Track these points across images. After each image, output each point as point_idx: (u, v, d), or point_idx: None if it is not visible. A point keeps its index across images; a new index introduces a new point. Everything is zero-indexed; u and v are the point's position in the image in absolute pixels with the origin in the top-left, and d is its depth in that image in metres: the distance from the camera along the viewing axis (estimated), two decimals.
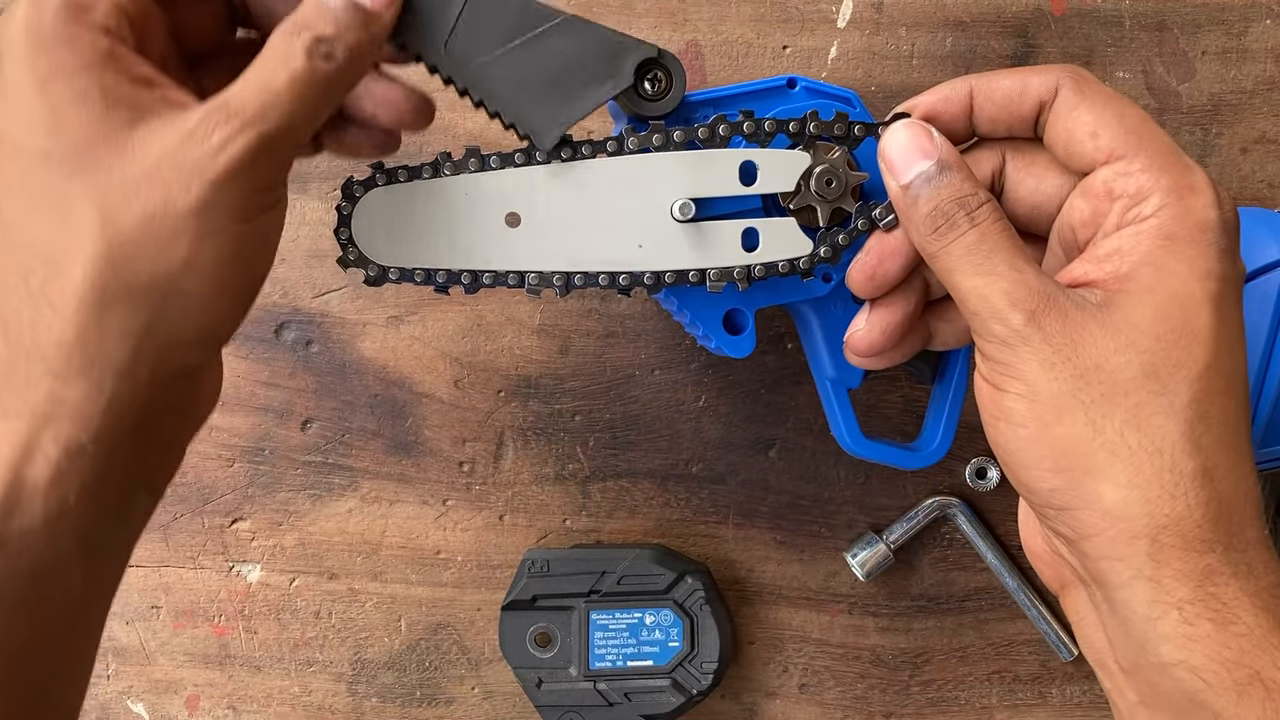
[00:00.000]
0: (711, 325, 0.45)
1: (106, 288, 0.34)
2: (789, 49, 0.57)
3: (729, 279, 0.42)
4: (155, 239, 0.34)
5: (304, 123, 0.36)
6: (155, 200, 0.34)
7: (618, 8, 0.57)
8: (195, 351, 0.37)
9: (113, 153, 0.34)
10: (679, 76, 0.41)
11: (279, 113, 0.35)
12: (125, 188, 0.34)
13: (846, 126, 0.42)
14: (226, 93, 0.35)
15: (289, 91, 0.35)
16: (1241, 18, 0.57)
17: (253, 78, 0.36)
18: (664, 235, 0.42)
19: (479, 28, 0.39)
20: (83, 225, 0.34)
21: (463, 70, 0.40)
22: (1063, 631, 0.56)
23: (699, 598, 0.53)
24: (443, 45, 0.39)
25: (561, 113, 0.40)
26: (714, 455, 0.57)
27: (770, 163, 0.42)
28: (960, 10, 0.57)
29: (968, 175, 0.39)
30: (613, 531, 0.57)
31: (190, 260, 0.34)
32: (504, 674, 0.57)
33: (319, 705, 0.57)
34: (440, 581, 0.57)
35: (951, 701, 0.57)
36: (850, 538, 0.57)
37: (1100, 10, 0.57)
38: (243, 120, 0.35)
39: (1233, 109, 0.57)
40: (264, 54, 0.36)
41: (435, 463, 0.57)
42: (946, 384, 0.48)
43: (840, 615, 0.57)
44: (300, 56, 0.36)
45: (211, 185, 0.34)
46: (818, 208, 0.42)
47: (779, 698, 0.57)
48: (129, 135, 0.34)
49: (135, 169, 0.34)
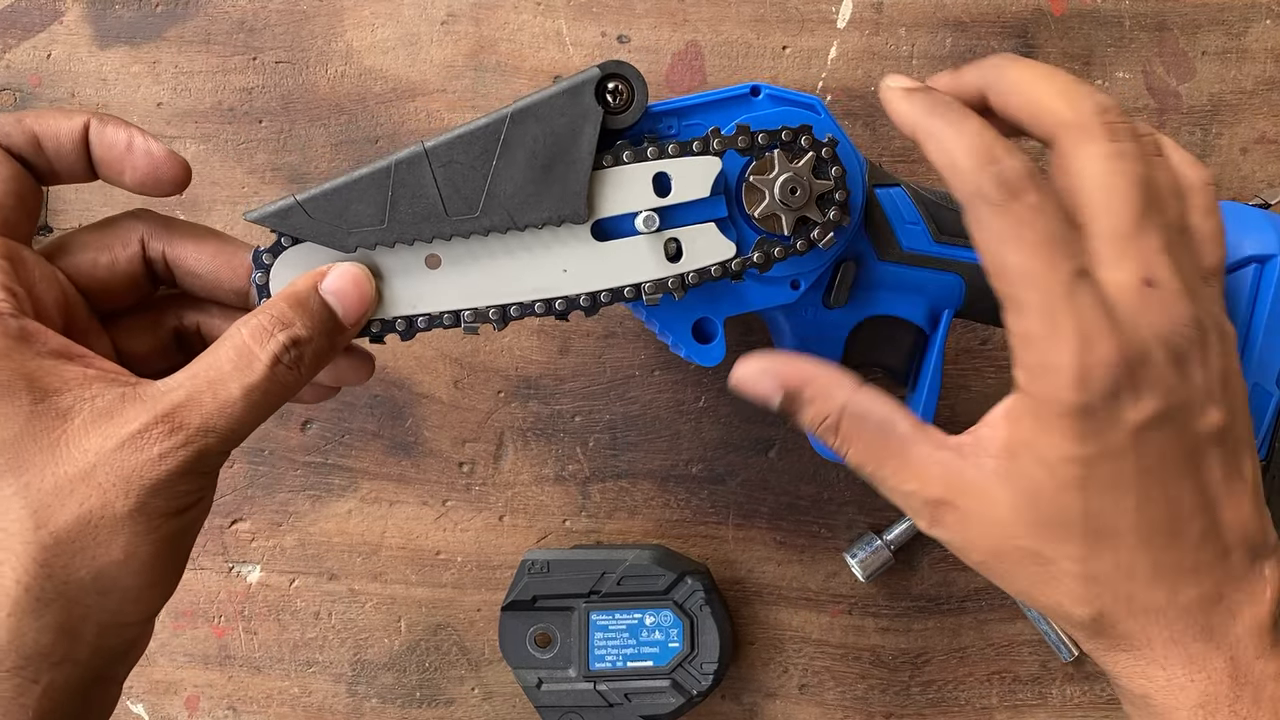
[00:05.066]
0: (680, 334, 0.44)
1: (41, 589, 0.33)
2: (789, 49, 0.57)
3: (664, 289, 0.42)
4: (91, 540, 0.33)
5: (250, 429, 0.35)
6: (92, 504, 0.33)
7: (617, 8, 0.57)
8: (132, 630, 0.36)
9: (44, 450, 0.33)
10: (637, 79, 0.41)
11: (227, 424, 0.34)
12: (59, 489, 0.33)
13: (752, 136, 0.42)
14: (171, 397, 0.34)
15: (242, 402, 0.35)
16: (1241, 18, 0.57)
17: (203, 382, 0.34)
18: (585, 256, 0.41)
19: (461, 182, 0.39)
20: (12, 528, 0.33)
21: (469, 222, 0.40)
22: (1063, 632, 0.56)
23: (699, 598, 0.53)
24: (444, 214, 0.39)
25: (572, 182, 0.40)
26: (714, 456, 0.57)
27: (682, 171, 0.41)
28: (960, 10, 0.57)
29: (819, 404, 0.39)
30: (613, 532, 0.57)
31: (126, 558, 0.34)
32: (504, 675, 0.57)
33: (319, 706, 0.57)
34: (440, 582, 0.57)
35: (951, 702, 0.57)
36: (850, 538, 0.57)
37: (1100, 10, 0.57)
38: (187, 434, 0.34)
39: (1233, 109, 0.57)
40: (220, 353, 0.35)
41: (435, 463, 0.57)
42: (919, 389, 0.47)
43: (840, 616, 0.57)
44: (263, 364, 0.35)
45: (150, 490, 0.33)
46: (782, 216, 0.42)
47: (779, 698, 0.57)
48: (61, 432, 0.33)
49: (69, 470, 0.33)
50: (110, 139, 0.38)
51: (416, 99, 0.57)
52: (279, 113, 0.57)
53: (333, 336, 0.38)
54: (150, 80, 0.57)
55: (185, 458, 0.34)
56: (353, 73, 0.57)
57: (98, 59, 0.57)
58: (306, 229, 0.39)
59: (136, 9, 0.57)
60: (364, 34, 0.57)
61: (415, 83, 0.57)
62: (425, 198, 0.39)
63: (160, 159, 0.38)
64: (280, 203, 0.38)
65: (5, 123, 0.37)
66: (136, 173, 0.38)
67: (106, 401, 0.34)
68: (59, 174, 0.38)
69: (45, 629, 0.33)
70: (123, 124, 0.38)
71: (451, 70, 0.57)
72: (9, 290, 0.35)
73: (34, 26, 0.57)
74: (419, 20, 0.57)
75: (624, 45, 0.57)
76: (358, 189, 0.39)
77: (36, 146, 0.37)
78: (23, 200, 0.37)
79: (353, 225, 0.39)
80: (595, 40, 0.57)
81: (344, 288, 0.38)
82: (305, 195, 0.38)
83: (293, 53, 0.57)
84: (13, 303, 0.34)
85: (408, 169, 0.39)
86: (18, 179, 0.37)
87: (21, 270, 0.36)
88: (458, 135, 0.39)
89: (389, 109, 0.57)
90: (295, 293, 0.37)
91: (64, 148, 0.37)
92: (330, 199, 0.39)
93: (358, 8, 0.57)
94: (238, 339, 0.35)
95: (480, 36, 0.57)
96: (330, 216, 0.39)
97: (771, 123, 0.42)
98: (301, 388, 0.37)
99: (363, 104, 0.57)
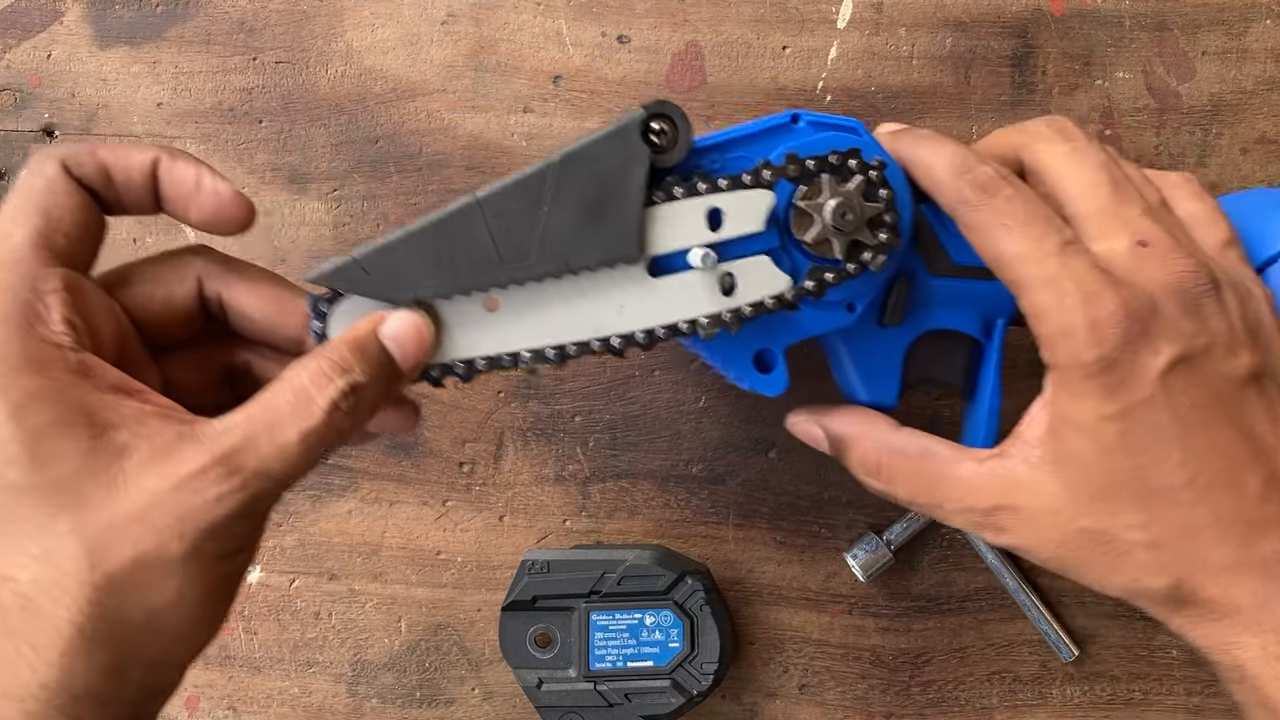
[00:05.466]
0: (742, 367, 0.44)
1: (94, 630, 0.33)
2: (789, 49, 0.57)
3: (720, 324, 0.42)
4: (144, 581, 0.33)
5: (304, 472, 0.35)
6: (146, 545, 0.33)
7: (617, 8, 0.57)
8: (176, 670, 0.36)
9: (101, 488, 0.33)
10: (680, 117, 0.41)
11: (282, 469, 0.34)
12: (114, 528, 0.33)
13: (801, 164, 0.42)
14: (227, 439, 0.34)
15: (298, 446, 0.34)
16: (1241, 18, 0.57)
17: (260, 425, 0.34)
18: (639, 294, 0.41)
19: (513, 229, 0.39)
20: (67, 565, 0.32)
21: (524, 268, 0.40)
22: (1063, 631, 0.56)
23: (699, 598, 0.53)
24: (499, 262, 0.39)
25: (624, 223, 0.40)
26: (714, 456, 0.57)
27: (735, 205, 0.41)
28: (960, 10, 0.57)
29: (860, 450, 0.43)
30: (613, 532, 0.57)
31: (178, 600, 0.34)
32: (504, 675, 0.57)
33: (319, 706, 0.57)
34: (440, 582, 0.57)
35: (952, 702, 0.57)
36: (850, 538, 0.57)
37: (1100, 10, 0.57)
38: (244, 477, 0.34)
39: (1233, 109, 0.57)
40: (278, 396, 0.35)
41: (435, 463, 0.57)
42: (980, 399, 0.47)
43: (840, 616, 0.57)
44: (321, 409, 0.35)
45: (205, 533, 0.33)
46: (834, 240, 0.42)
47: (779, 698, 0.57)
48: (118, 469, 0.33)
49: (125, 508, 0.33)
50: (180, 175, 0.37)
51: (416, 99, 0.57)
52: (279, 113, 0.57)
53: (389, 383, 0.38)
54: (150, 80, 0.57)
55: (241, 501, 0.34)
56: (353, 73, 0.57)
57: (98, 59, 0.57)
58: (365, 285, 0.39)
59: (136, 9, 0.57)
60: (364, 34, 0.57)
61: (415, 83, 0.57)
62: (479, 247, 0.39)
63: (227, 199, 0.38)
64: (338, 261, 0.38)
65: (77, 153, 0.37)
66: (203, 211, 0.38)
67: (164, 440, 0.34)
68: (125, 206, 0.38)
69: (96, 669, 0.33)
70: (192, 160, 0.38)
71: (451, 70, 0.57)
72: (69, 323, 0.34)
73: (34, 26, 0.57)
74: (419, 20, 0.57)
75: (624, 45, 0.57)
76: (413, 243, 0.39)
77: (107, 178, 0.37)
78: (88, 231, 0.37)
79: (410, 279, 0.39)
80: (595, 40, 0.57)
81: (403, 333, 0.38)
82: (362, 252, 0.38)
83: (293, 53, 0.57)
84: (73, 335, 0.34)
85: (461, 220, 0.39)
86: (85, 210, 0.37)
87: (82, 302, 0.36)
88: (508, 184, 0.39)
89: (389, 109, 0.57)
90: (356, 338, 0.37)
91: (133, 181, 0.37)
92: (387, 254, 0.39)
93: (358, 8, 0.57)
94: (297, 382, 0.35)
95: (480, 36, 0.57)
96: (387, 272, 0.39)
97: (820, 148, 0.42)
98: (354, 434, 0.37)
99: (363, 104, 0.57)
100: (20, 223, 0.35)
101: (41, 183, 0.36)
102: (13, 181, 0.57)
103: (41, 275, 0.35)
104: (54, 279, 0.35)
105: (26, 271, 0.34)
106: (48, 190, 0.36)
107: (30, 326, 0.34)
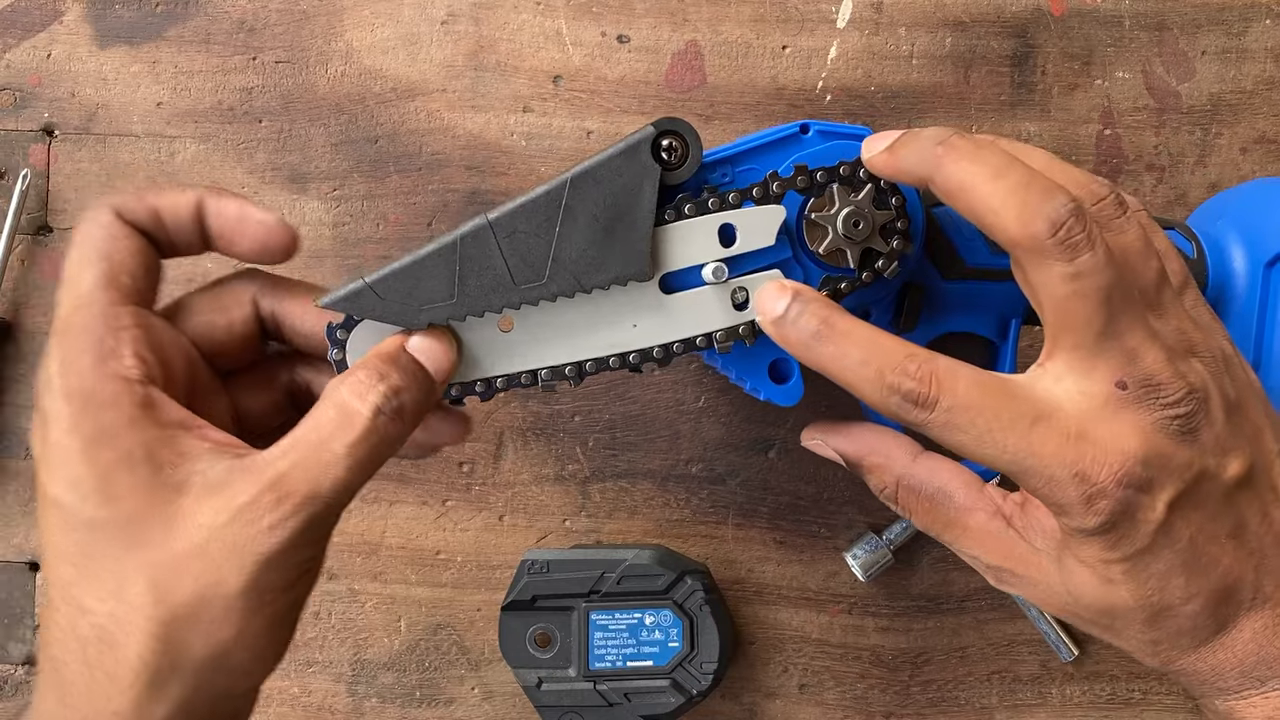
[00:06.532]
0: (758, 378, 0.44)
1: (161, 665, 0.34)
2: (788, 49, 0.57)
3: (735, 337, 0.42)
4: (206, 617, 0.34)
5: (357, 488, 0.36)
6: (207, 580, 0.34)
7: (617, 8, 0.57)
8: (241, 701, 0.37)
9: (162, 525, 0.34)
10: (690, 133, 0.41)
11: (333, 485, 0.35)
12: (176, 565, 0.34)
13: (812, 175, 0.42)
14: (277, 465, 0.34)
15: (347, 459, 0.35)
16: (1241, 18, 0.57)
17: (307, 446, 0.35)
18: (653, 310, 0.41)
19: (526, 250, 0.39)
20: (136, 601, 0.34)
21: (537, 289, 0.40)
22: (1062, 632, 0.56)
23: (699, 598, 0.53)
24: (512, 283, 0.40)
25: (635, 241, 0.40)
26: (714, 455, 0.57)
27: (746, 221, 0.41)
28: (960, 10, 0.57)
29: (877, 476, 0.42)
30: (612, 532, 0.57)
31: (239, 634, 0.34)
32: (504, 674, 0.57)
33: (319, 706, 0.57)
34: (440, 582, 0.57)
35: (951, 702, 0.57)
36: (850, 538, 0.57)
37: (1100, 10, 0.57)
38: (295, 502, 0.34)
39: (1233, 109, 0.57)
40: (321, 414, 0.36)
41: (435, 463, 0.57)
42: None
43: (840, 615, 0.57)
44: (365, 418, 0.35)
45: (263, 564, 0.34)
46: (847, 250, 0.42)
47: (779, 698, 0.57)
48: (176, 506, 0.34)
49: (184, 544, 0.34)
50: (225, 211, 0.38)
51: (416, 99, 0.57)
52: (279, 113, 0.57)
53: (427, 391, 0.38)
54: (150, 80, 0.57)
55: (295, 527, 0.34)
56: (353, 73, 0.57)
57: (98, 59, 0.57)
58: (379, 310, 0.39)
59: (136, 9, 0.57)
60: (364, 34, 0.57)
61: (415, 83, 0.57)
62: (492, 269, 0.39)
63: (272, 228, 0.39)
64: (350, 286, 0.39)
65: (127, 200, 0.38)
66: (253, 242, 0.39)
67: (217, 474, 0.34)
68: (176, 247, 0.39)
69: (164, 701, 0.34)
70: (233, 196, 0.39)
71: (451, 70, 0.57)
72: (140, 358, 0.35)
73: (34, 26, 0.57)
74: (419, 20, 0.57)
75: (624, 45, 0.57)
76: (425, 266, 0.39)
77: (158, 220, 0.38)
78: (148, 271, 0.38)
79: (423, 302, 0.39)
80: (595, 40, 0.57)
81: (429, 345, 0.39)
82: (374, 277, 0.39)
83: (293, 53, 0.57)
84: (143, 369, 0.35)
85: (473, 242, 0.39)
86: (144, 251, 0.38)
87: (153, 337, 0.37)
88: (519, 205, 0.39)
89: (389, 109, 0.57)
90: (386, 351, 0.38)
91: (183, 221, 0.38)
92: (399, 278, 0.39)
93: (358, 8, 0.57)
94: (337, 397, 0.36)
95: (480, 36, 0.57)
96: (401, 295, 0.39)
97: (828, 158, 0.42)
98: (404, 441, 0.37)
99: (363, 104, 0.57)
100: (87, 268, 0.36)
101: (99, 230, 0.37)
102: (14, 182, 0.57)
103: (113, 314, 0.36)
104: (126, 317, 0.36)
105: (99, 311, 0.36)
106: (107, 236, 0.37)
107: (104, 362, 0.35)
